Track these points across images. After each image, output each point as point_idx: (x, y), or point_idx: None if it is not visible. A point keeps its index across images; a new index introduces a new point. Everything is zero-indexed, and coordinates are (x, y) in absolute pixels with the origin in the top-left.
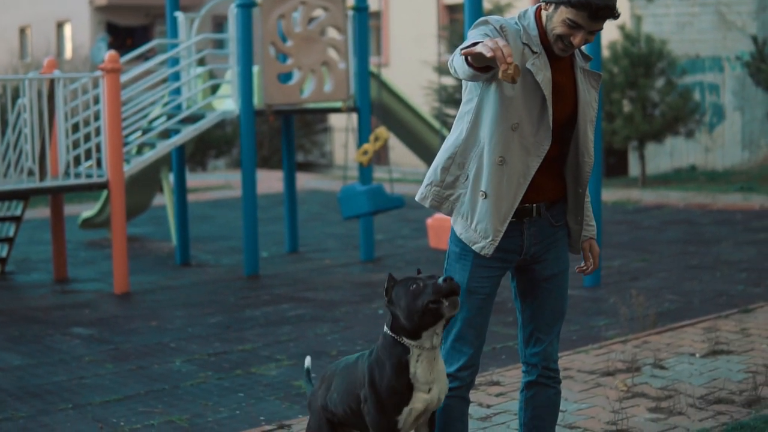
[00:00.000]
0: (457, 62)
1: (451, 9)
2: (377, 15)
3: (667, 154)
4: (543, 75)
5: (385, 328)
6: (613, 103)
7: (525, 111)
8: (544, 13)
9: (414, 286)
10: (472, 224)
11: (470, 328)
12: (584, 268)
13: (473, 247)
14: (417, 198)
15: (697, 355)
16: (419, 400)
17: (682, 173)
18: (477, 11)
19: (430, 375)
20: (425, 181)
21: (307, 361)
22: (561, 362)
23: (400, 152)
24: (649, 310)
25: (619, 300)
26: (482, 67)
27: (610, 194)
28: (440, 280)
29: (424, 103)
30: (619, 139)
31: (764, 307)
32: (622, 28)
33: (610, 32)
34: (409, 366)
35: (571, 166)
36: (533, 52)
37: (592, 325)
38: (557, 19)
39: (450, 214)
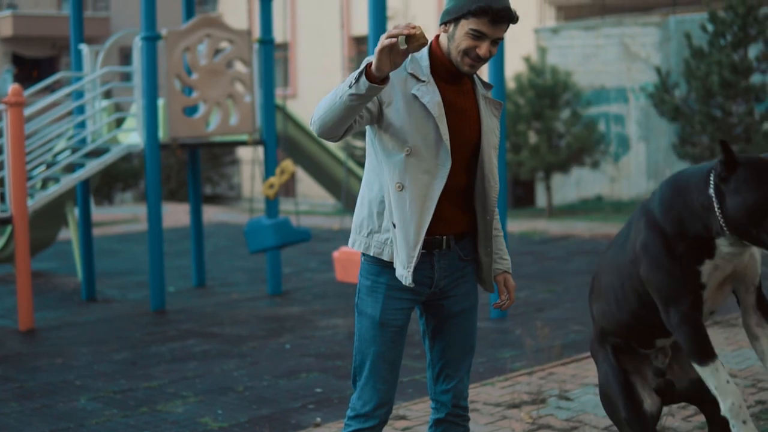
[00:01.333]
0: (330, 98)
1: (358, 41)
2: (284, 46)
3: (574, 185)
4: (429, 98)
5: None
6: (519, 135)
7: (419, 136)
8: (444, 37)
9: None
10: (398, 258)
11: (384, 363)
12: (500, 303)
13: (402, 281)
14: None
15: None
16: (722, 256)
17: (589, 203)
18: None
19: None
20: (364, 231)
21: None
22: None
23: (307, 184)
24: (555, 341)
25: (525, 332)
26: (382, 79)
27: (516, 225)
28: None
29: None
30: (525, 170)
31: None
32: (527, 59)
33: (515, 64)
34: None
35: (479, 194)
36: (419, 80)
37: (498, 357)
38: (459, 34)
39: (391, 258)
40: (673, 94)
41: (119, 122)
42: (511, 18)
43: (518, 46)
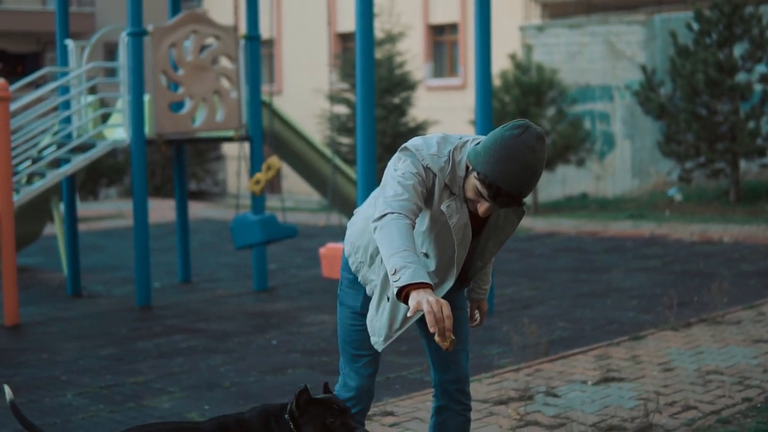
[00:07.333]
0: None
1: (344, 38)
2: (270, 43)
3: (559, 182)
4: (457, 218)
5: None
6: None
7: (436, 246)
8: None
9: (330, 420)
10: (375, 315)
11: (365, 350)
12: (471, 322)
13: (375, 347)
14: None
15: (589, 383)
16: None
17: (574, 201)
18: (368, 40)
19: None
20: (359, 255)
21: (8, 393)
22: None
23: (292, 181)
24: (542, 338)
25: (511, 328)
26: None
27: None
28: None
29: (316, 131)
30: None
31: (654, 333)
32: (512, 57)
33: (501, 61)
34: None
35: (465, 267)
36: (452, 193)
37: (485, 354)
38: (469, 181)
39: (365, 284)
40: (659, 92)
41: (105, 118)
42: (514, 203)
43: (504, 44)
